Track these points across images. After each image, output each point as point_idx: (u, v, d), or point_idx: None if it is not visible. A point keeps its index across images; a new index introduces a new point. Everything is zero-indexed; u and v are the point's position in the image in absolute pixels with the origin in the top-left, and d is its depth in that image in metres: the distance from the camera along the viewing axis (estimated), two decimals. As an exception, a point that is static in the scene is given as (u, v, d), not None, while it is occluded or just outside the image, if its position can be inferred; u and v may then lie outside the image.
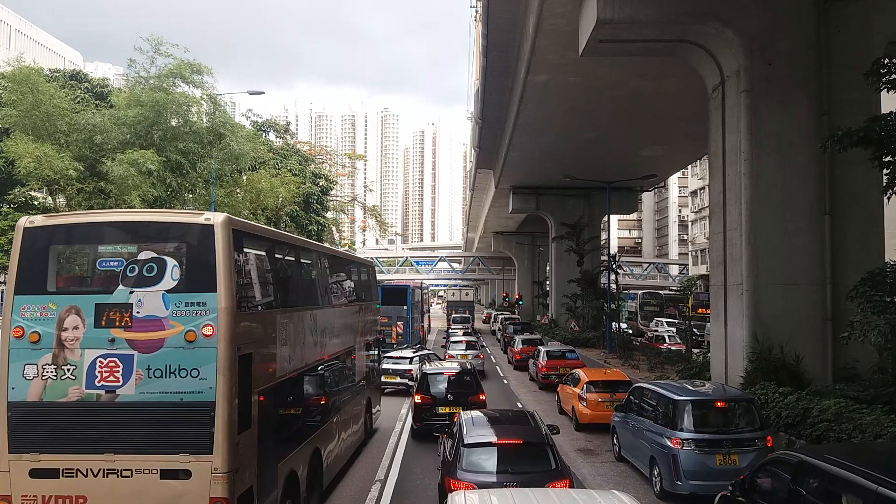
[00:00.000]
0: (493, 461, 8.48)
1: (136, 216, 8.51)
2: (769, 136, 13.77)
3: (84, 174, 20.11)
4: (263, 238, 8.70)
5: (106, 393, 6.71)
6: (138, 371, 6.71)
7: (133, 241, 7.31)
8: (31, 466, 6.70)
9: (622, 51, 16.03)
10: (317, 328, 10.33)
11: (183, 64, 21.58)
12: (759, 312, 13.55)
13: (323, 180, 39.05)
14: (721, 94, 14.81)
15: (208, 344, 6.69)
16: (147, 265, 6.86)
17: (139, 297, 6.77)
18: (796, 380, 12.86)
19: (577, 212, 39.29)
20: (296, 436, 9.14)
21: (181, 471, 6.62)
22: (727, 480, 9.27)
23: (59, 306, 6.81)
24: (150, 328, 6.74)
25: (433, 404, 14.89)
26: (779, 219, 13.69)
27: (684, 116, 25.72)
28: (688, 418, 10.28)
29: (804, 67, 13.86)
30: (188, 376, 6.69)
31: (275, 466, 8.09)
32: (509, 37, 21.60)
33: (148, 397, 6.70)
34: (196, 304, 6.76)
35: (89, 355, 6.73)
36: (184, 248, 7.15)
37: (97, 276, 7.30)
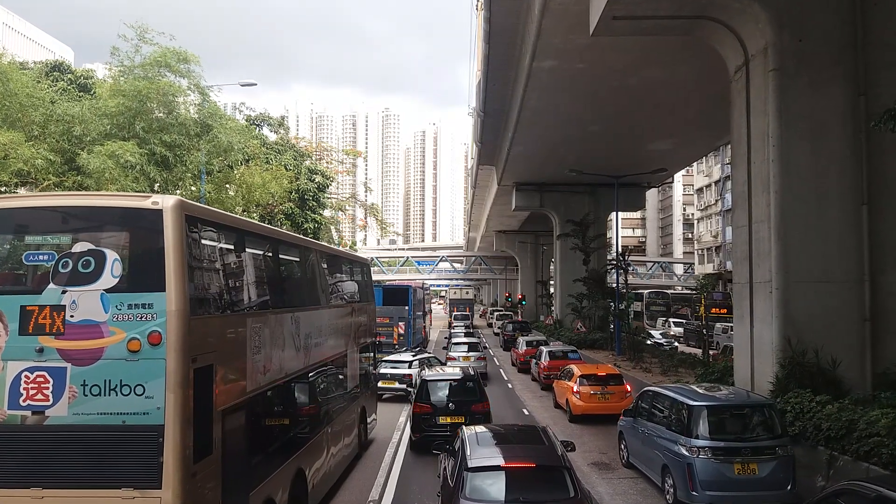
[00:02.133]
0: (501, 488, 7.25)
1: (70, 199, 7.01)
2: (800, 120, 12.55)
3: (61, 167, 18.95)
4: (227, 227, 7.32)
5: (33, 414, 5.65)
6: (72, 388, 5.62)
7: (66, 229, 6.12)
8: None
9: (637, 29, 14.83)
10: (299, 332, 9.09)
11: (168, 52, 20.36)
12: (791, 313, 12.32)
13: (319, 177, 37.88)
14: (745, 75, 13.59)
15: (156, 355, 5.58)
16: (83, 259, 5.74)
17: (73, 297, 5.68)
18: (833, 387, 11.66)
19: (583, 209, 38.14)
20: (273, 457, 7.86)
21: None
22: (745, 491, 9.25)
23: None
24: (86, 335, 5.65)
25: (433, 414, 13.75)
26: (811, 210, 12.47)
27: (696, 107, 24.63)
28: (703, 425, 9.70)
29: (838, 44, 12.63)
30: (132, 394, 5.59)
31: (246, 496, 6.88)
32: (513, 21, 20.44)
33: (83, 419, 5.61)
34: (141, 307, 5.65)
35: (13, 368, 5.65)
36: (127, 238, 6.01)
37: (23, 272, 6.18)
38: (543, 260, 62.53)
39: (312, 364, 9.77)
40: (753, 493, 9.32)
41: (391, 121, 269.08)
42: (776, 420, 9.85)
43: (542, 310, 57.25)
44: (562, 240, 39.24)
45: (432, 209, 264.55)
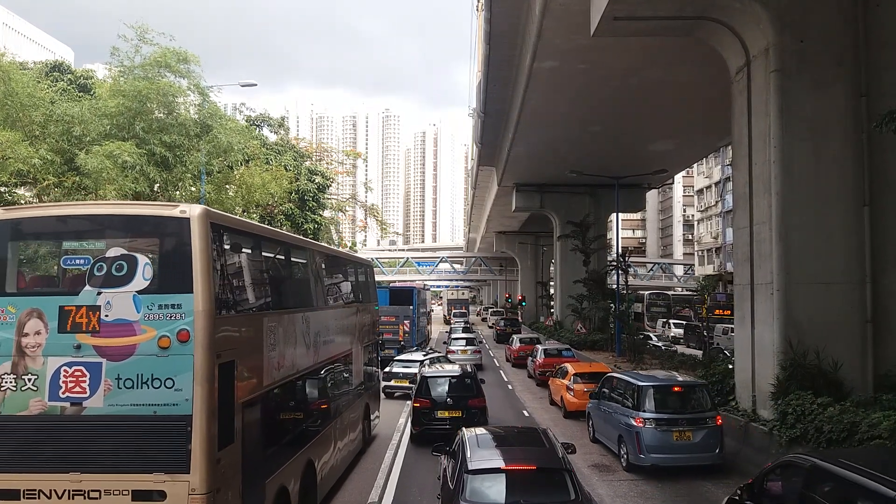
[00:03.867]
0: (501, 490, 7.24)
1: (104, 209, 7.71)
2: (801, 121, 12.51)
3: (61, 167, 18.89)
4: (247, 233, 7.97)
5: (71, 405, 6.10)
6: (107, 381, 6.10)
7: (101, 236, 6.67)
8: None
9: (638, 30, 14.80)
10: (309, 331, 9.56)
11: (168, 52, 20.32)
12: (792, 314, 12.27)
13: (319, 177, 37.81)
14: (746, 76, 13.56)
15: (184, 351, 6.05)
16: (116, 263, 6.21)
17: (108, 298, 6.15)
18: (834, 389, 11.61)
19: (583, 210, 38.06)
20: (287, 448, 8.38)
21: (155, 492, 5.99)
22: (682, 454, 11.45)
23: (20, 309, 6.19)
24: (119, 333, 6.11)
25: (432, 408, 14.47)
26: (813, 211, 12.42)
27: (696, 107, 24.55)
28: (649, 401, 11.87)
29: (840, 45, 12.59)
30: (162, 387, 6.06)
31: (262, 483, 7.38)
32: (513, 22, 20.39)
33: (118, 410, 6.08)
34: (171, 307, 6.12)
35: (52, 363, 6.11)
36: (157, 244, 6.53)
37: (61, 275, 6.71)
38: (543, 261, 62.48)
39: (321, 361, 10.22)
40: (688, 455, 11.51)
41: (391, 121, 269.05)
42: (707, 397, 12.24)
43: (542, 311, 57.18)
44: (562, 241, 39.17)
45: (432, 210, 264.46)
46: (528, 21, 19.34)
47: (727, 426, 12.46)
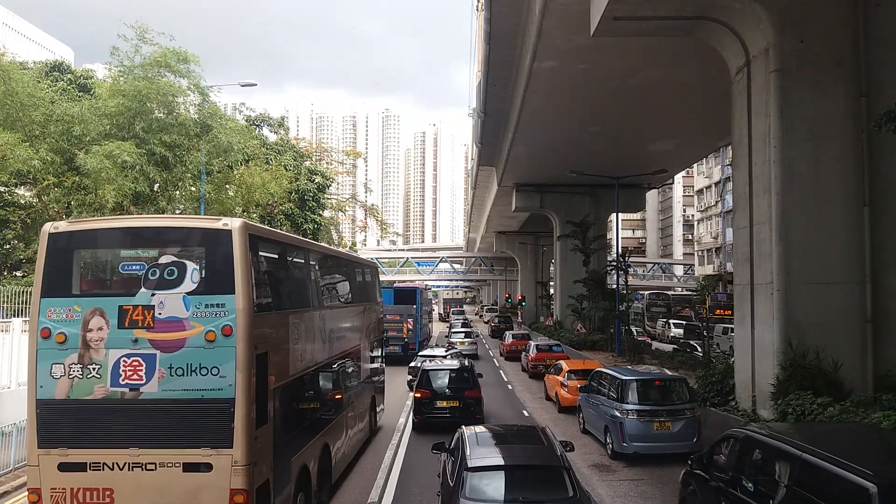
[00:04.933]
0: (500, 487, 7.37)
1: (156, 222, 8.76)
2: (801, 121, 12.51)
3: (61, 167, 18.91)
4: (277, 242, 9.04)
5: (130, 390, 6.99)
6: (161, 369, 6.97)
7: (154, 245, 7.52)
8: (60, 461, 6.97)
9: (638, 29, 14.79)
10: (326, 328, 10.64)
11: (168, 52, 20.38)
12: (792, 314, 12.28)
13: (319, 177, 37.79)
14: (746, 76, 13.56)
15: (227, 343, 6.96)
16: (168, 268, 7.11)
17: (161, 299, 7.03)
18: (834, 389, 11.62)
19: (583, 210, 38.05)
20: (307, 432, 9.36)
21: (203, 464, 6.90)
22: (662, 442, 12.33)
23: (84, 308, 7.07)
24: (171, 329, 7.00)
25: (432, 398, 15.53)
26: (813, 211, 12.43)
27: (696, 107, 24.56)
28: (632, 394, 12.76)
29: (840, 45, 12.59)
30: (209, 374, 6.97)
31: (289, 460, 8.32)
32: (513, 22, 20.38)
33: (170, 394, 6.96)
34: (215, 306, 7.02)
35: (113, 355, 7.01)
36: (203, 252, 7.40)
37: (120, 279, 7.53)
38: (543, 261, 62.45)
39: (335, 356, 11.25)
40: (668, 443, 12.36)
41: (391, 121, 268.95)
42: (686, 391, 13.09)
43: (541, 311, 57.16)
44: (562, 241, 39.16)
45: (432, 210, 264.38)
46: (528, 21, 19.33)
47: (726, 425, 12.44)
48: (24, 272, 23.28)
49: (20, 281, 20.32)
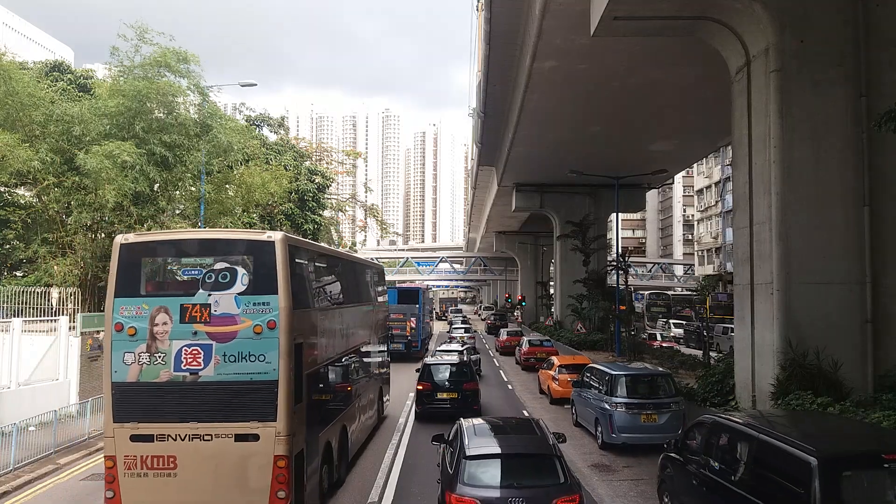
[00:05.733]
0: (496, 474, 7.96)
1: (212, 234, 10.63)
2: (801, 121, 12.49)
3: (60, 167, 18.89)
4: (309, 250, 10.59)
5: (190, 374, 8.32)
6: (216, 357, 8.30)
7: (210, 254, 8.78)
8: (131, 433, 8.28)
9: (638, 29, 14.79)
10: (344, 324, 12.19)
11: (168, 52, 20.36)
12: (792, 314, 12.26)
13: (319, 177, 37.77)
14: (746, 77, 13.54)
15: (272, 335, 8.29)
16: (221, 273, 8.45)
17: (216, 298, 8.36)
18: (834, 389, 11.59)
19: (583, 210, 38.05)
20: (330, 413, 10.86)
21: (251, 434, 8.24)
22: (648, 433, 13.11)
23: (151, 306, 8.37)
24: (225, 323, 8.33)
25: (433, 390, 16.75)
26: (813, 211, 12.40)
27: (696, 108, 24.55)
28: (621, 388, 13.60)
29: (840, 45, 12.58)
30: (256, 360, 8.29)
31: (317, 436, 9.77)
32: (513, 22, 20.39)
33: (224, 377, 8.29)
34: (261, 304, 8.35)
35: (176, 345, 8.33)
36: (250, 259, 8.67)
37: (181, 282, 8.77)
38: (543, 261, 62.45)
39: (351, 348, 12.77)
40: (654, 434, 13.00)
41: (391, 121, 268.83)
42: (672, 385, 13.98)
43: (541, 311, 57.15)
44: (562, 241, 39.16)
45: (432, 210, 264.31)
46: (528, 21, 19.34)
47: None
48: (24, 272, 23.29)
49: (20, 281, 20.32)
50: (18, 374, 15.99)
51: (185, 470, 8.27)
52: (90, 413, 14.92)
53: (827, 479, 5.82)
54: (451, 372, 17.05)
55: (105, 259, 19.73)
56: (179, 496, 8.27)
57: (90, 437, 14.59)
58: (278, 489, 8.21)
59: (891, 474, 5.95)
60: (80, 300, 19.46)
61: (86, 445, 14.08)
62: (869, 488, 6.02)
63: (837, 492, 5.83)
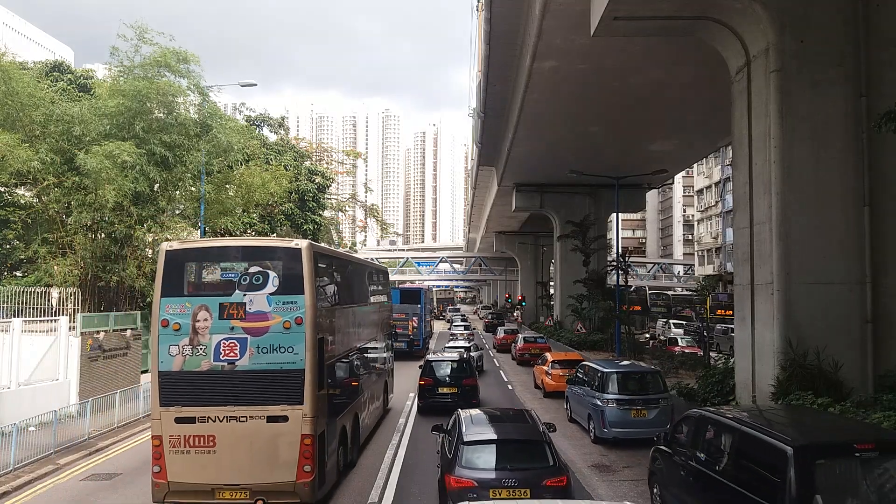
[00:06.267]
0: (491, 458, 8.57)
1: (246, 242, 12.25)
2: (802, 121, 12.50)
3: (61, 167, 18.88)
4: (329, 256, 12.16)
5: (228, 364, 9.42)
6: (251, 349, 9.41)
7: (245, 259, 9.84)
8: (176, 415, 9.34)
9: (638, 30, 14.80)
10: (356, 321, 13.52)
11: (168, 52, 20.35)
12: (792, 315, 12.26)
13: (319, 177, 37.75)
14: (746, 77, 13.55)
15: (299, 330, 9.42)
16: (255, 276, 9.58)
17: (250, 298, 9.49)
18: (834, 389, 11.59)
19: (583, 210, 38.05)
20: (346, 400, 11.97)
21: (281, 416, 9.33)
22: (638, 428, 13.54)
23: (193, 305, 9.46)
24: (258, 319, 9.44)
25: (435, 385, 17.60)
26: (813, 211, 12.41)
27: (696, 108, 24.56)
28: (612, 385, 14.07)
29: (840, 45, 12.59)
30: (285, 352, 9.42)
31: (335, 420, 10.84)
32: (513, 22, 20.39)
33: (258, 366, 9.39)
34: (290, 303, 9.49)
35: (215, 338, 9.43)
36: (280, 264, 9.79)
37: (220, 283, 9.85)
38: (543, 261, 62.44)
39: (361, 343, 14.00)
40: (644, 429, 13.38)
41: (391, 122, 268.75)
42: (661, 382, 14.46)
43: (541, 311, 57.14)
44: (562, 241, 39.16)
45: (432, 210, 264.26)
46: (529, 21, 19.34)
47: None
48: (25, 272, 23.29)
49: (20, 281, 20.32)
50: (18, 374, 15.97)
51: (223, 447, 9.30)
52: (90, 413, 14.92)
53: (801, 467, 6.14)
54: (452, 368, 17.92)
55: (104, 259, 19.76)
56: (218, 470, 9.31)
57: (90, 438, 14.58)
58: (304, 464, 9.31)
59: (862, 463, 6.25)
60: (80, 300, 19.45)
61: (86, 446, 14.06)
62: (841, 476, 6.34)
63: (811, 479, 6.12)
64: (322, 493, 9.93)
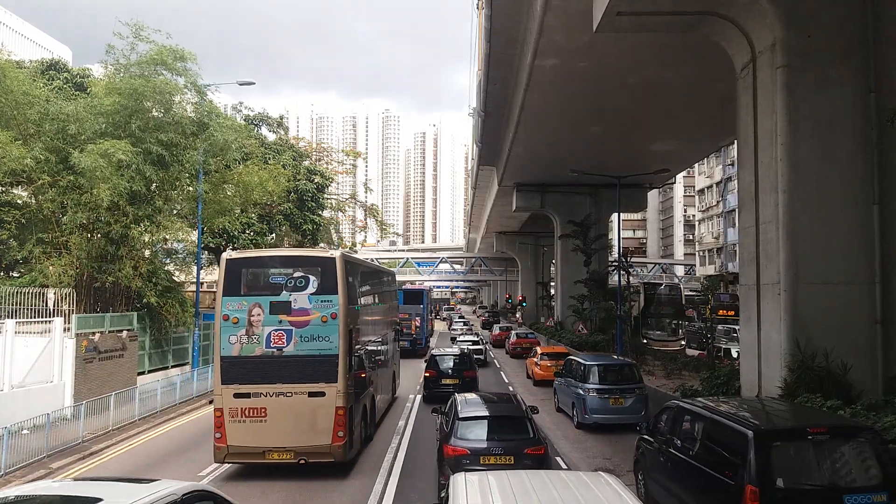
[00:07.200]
0: (482, 431, 10.11)
1: (292, 252, 15.48)
2: (809, 118, 12.22)
3: (56, 166, 18.60)
4: (355, 263, 14.37)
5: (277, 350, 11.64)
6: (295, 338, 11.65)
7: (290, 266, 12.16)
8: (234, 392, 11.51)
9: (641, 25, 14.54)
10: (374, 317, 15.96)
11: (164, 50, 20.07)
12: (799, 315, 11.99)
13: (318, 177, 37.48)
14: (752, 73, 13.29)
15: (334, 323, 11.66)
16: (299, 279, 11.83)
17: (294, 297, 11.73)
18: (844, 392, 11.32)
19: (584, 210, 37.79)
20: (366, 382, 14.02)
21: (320, 392, 11.52)
22: (616, 415, 15.35)
23: (249, 303, 11.68)
24: (301, 315, 11.68)
25: (438, 377, 19.64)
26: (821, 210, 12.14)
27: (699, 106, 24.32)
28: (593, 376, 15.76)
29: (848, 40, 12.32)
30: (323, 341, 11.66)
31: (359, 398, 12.96)
32: (514, 19, 20.16)
33: (301, 352, 11.63)
34: (327, 301, 11.72)
35: (267, 330, 11.66)
36: (319, 270, 11.94)
37: (270, 285, 12.05)
38: (544, 261, 62.20)
39: (377, 336, 16.42)
40: (621, 416, 15.29)
41: (391, 122, 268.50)
42: (637, 373, 16.22)
43: (542, 311, 56.86)
44: (563, 241, 38.88)
45: (432, 210, 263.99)
46: (530, 18, 19.10)
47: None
48: (21, 272, 23.03)
49: (15, 281, 20.06)
50: (11, 377, 15.73)
51: (273, 417, 11.42)
52: (84, 416, 14.67)
53: (760, 449, 6.94)
54: (455, 362, 19.95)
55: (100, 259, 19.49)
56: (268, 435, 11.40)
57: (84, 441, 14.33)
58: (338, 430, 11.47)
59: (814, 444, 7.06)
60: (76, 301, 19.19)
61: (79, 449, 13.81)
62: (795, 456, 7.15)
63: (768, 459, 6.91)
64: (351, 455, 12.09)
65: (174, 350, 23.52)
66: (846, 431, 7.45)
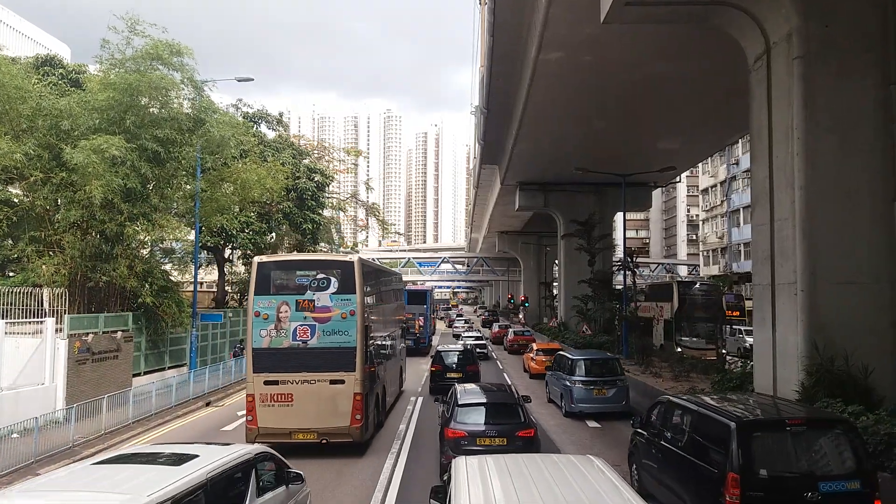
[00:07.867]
0: (479, 416, 11.23)
1: (316, 257, 19.24)
2: (827, 111, 11.74)
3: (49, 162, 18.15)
4: (370, 265, 15.65)
5: (302, 343, 13.04)
6: (318, 332, 13.03)
7: (314, 269, 13.70)
8: (264, 379, 12.92)
9: (650, 16, 14.04)
10: (385, 315, 17.40)
11: (160, 44, 19.62)
12: (818, 316, 11.50)
13: (319, 175, 37.01)
14: (766, 65, 12.79)
15: (352, 319, 13.04)
16: (321, 280, 13.24)
17: (318, 296, 13.14)
18: (865, 396, 10.83)
19: (588, 209, 37.19)
20: (378, 373, 15.18)
21: (340, 380, 12.92)
22: (600, 404, 16.80)
23: (277, 301, 13.11)
24: (323, 311, 13.08)
25: (443, 371, 21.15)
26: (839, 206, 11.65)
27: (706, 102, 23.83)
28: (579, 369, 17.20)
29: (868, 30, 11.83)
30: (343, 335, 13.02)
31: (372, 387, 14.18)
32: (518, 12, 19.64)
33: (324, 345, 13.02)
34: (346, 300, 13.11)
35: (293, 325, 13.05)
36: (339, 272, 13.35)
37: (296, 285, 13.48)
38: (547, 261, 61.69)
39: (388, 332, 17.84)
40: (604, 405, 16.79)
41: (392, 122, 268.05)
42: (619, 367, 17.74)
43: (545, 312, 56.36)
44: (566, 240, 38.35)
45: (434, 210, 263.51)
46: (534, 10, 18.62)
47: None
48: (14, 271, 22.59)
49: (6, 281, 19.62)
50: (1, 379, 15.29)
51: (298, 402, 12.84)
52: (75, 419, 14.23)
53: (741, 439, 7.41)
54: (458, 357, 21.70)
55: (94, 258, 19.04)
56: (295, 418, 12.80)
57: (74, 445, 13.89)
58: (356, 413, 12.88)
59: (792, 435, 7.57)
60: (70, 301, 18.74)
61: (69, 454, 13.35)
62: (774, 446, 7.59)
63: (749, 449, 7.41)
64: (367, 436, 13.52)
65: (171, 351, 23.08)
66: (823, 423, 8.04)
